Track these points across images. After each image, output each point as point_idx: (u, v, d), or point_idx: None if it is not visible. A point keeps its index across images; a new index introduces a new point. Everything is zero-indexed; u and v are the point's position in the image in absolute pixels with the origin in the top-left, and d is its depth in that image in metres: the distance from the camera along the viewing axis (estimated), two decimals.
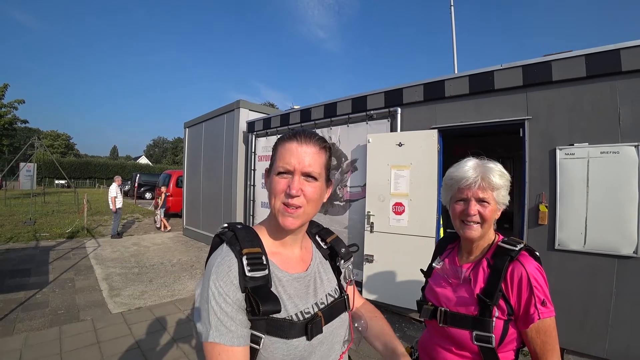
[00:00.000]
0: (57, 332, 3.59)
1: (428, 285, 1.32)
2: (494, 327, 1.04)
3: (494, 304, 1.05)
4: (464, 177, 1.13)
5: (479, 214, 1.12)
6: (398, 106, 4.58)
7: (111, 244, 8.30)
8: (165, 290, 5.08)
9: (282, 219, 0.81)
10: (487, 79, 3.79)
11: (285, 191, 0.80)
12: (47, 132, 56.03)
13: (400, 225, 4.21)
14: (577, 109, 3.26)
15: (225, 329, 0.73)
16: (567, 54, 3.32)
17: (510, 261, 1.07)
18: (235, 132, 7.56)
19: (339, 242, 1.02)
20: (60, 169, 14.78)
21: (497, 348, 1.06)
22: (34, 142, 14.66)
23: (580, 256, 3.18)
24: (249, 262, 0.77)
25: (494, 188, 1.12)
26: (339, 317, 0.92)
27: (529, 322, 1.02)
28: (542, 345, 1.03)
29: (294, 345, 0.78)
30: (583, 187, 3.16)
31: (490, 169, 1.13)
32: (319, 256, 0.99)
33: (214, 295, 0.74)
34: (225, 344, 0.72)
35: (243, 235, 0.83)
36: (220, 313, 0.73)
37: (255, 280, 0.76)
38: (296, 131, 0.86)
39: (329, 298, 0.92)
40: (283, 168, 0.81)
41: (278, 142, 0.86)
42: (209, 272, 0.78)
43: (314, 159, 0.82)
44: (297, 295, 0.85)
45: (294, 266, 0.89)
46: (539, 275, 1.05)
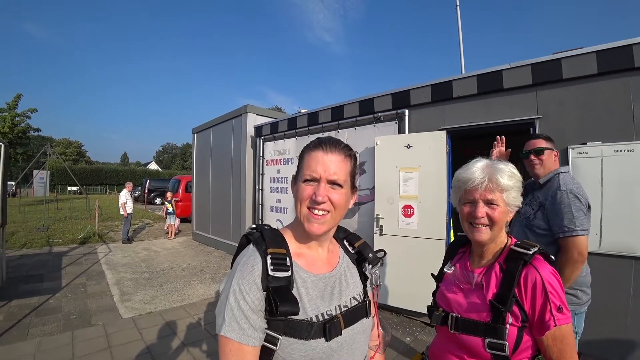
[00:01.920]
0: (70, 337, 3.62)
1: (439, 290, 1.28)
2: (508, 334, 1.01)
3: (507, 310, 1.01)
4: (471, 178, 1.11)
5: (488, 217, 1.09)
6: (405, 108, 4.55)
7: (122, 249, 8.39)
8: (175, 295, 5.10)
9: (308, 225, 0.83)
10: (496, 79, 3.74)
11: (311, 197, 0.82)
12: (59, 140, 57.07)
13: (409, 228, 4.17)
14: (589, 107, 3.20)
15: (238, 325, 0.74)
16: (577, 51, 3.26)
17: (524, 265, 1.03)
18: (243, 137, 7.60)
19: (366, 247, 1.02)
20: (72, 175, 15.01)
21: (510, 356, 1.01)
22: (47, 150, 14.94)
23: (596, 257, 3.10)
24: (273, 261, 0.79)
25: (503, 189, 1.08)
26: (359, 322, 0.91)
27: (545, 329, 0.98)
28: (559, 353, 0.99)
29: (312, 347, 0.79)
30: (597, 187, 3.09)
31: (499, 170, 1.09)
32: (347, 260, 0.99)
33: (234, 292, 0.76)
34: (235, 340, 0.74)
35: (269, 236, 0.85)
36: (237, 310, 0.75)
37: (278, 280, 0.77)
38: (322, 140, 0.88)
39: (354, 302, 0.92)
40: (309, 176, 0.83)
41: (304, 151, 0.88)
42: (234, 269, 0.82)
43: (339, 167, 0.84)
44: (320, 296, 0.85)
45: (319, 267, 0.90)
46: (554, 280, 1.00)
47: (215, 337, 3.65)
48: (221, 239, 8.45)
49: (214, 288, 5.45)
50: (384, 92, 4.85)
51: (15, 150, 19.06)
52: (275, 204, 6.90)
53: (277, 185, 6.82)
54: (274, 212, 6.90)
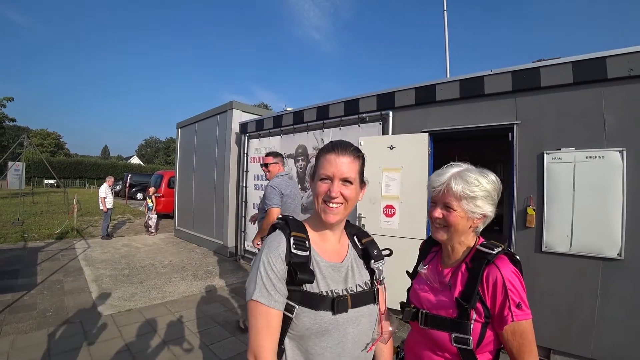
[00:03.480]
0: (46, 334, 3.55)
1: (412, 287, 1.35)
2: (472, 329, 1.07)
3: (471, 307, 1.07)
4: (434, 181, 1.20)
5: (444, 218, 1.17)
6: (390, 109, 4.62)
7: (101, 245, 8.22)
8: (156, 292, 5.05)
9: (325, 216, 1.00)
10: (478, 84, 3.84)
11: (327, 193, 0.99)
12: (36, 131, 55.17)
13: (391, 228, 4.24)
14: (564, 114, 3.33)
15: (267, 292, 0.91)
16: (554, 60, 3.39)
17: (487, 264, 1.10)
18: (228, 133, 7.55)
19: (372, 244, 1.15)
20: (50, 168, 14.59)
21: (475, 350, 1.08)
22: (23, 141, 14.46)
23: (567, 258, 3.24)
24: (295, 241, 0.97)
25: (460, 197, 1.13)
26: (366, 307, 1.04)
27: (504, 323, 1.05)
28: (518, 347, 1.06)
29: (321, 316, 0.94)
30: (569, 191, 3.23)
31: (460, 178, 1.15)
32: (354, 253, 1.12)
33: (263, 264, 0.93)
34: (264, 304, 0.90)
35: (293, 223, 1.03)
36: (266, 279, 0.92)
37: (299, 257, 0.95)
38: (335, 143, 1.04)
39: (359, 288, 1.04)
40: (324, 175, 1.00)
41: (320, 153, 1.05)
42: (263, 247, 0.98)
43: (350, 167, 1.00)
44: (331, 278, 1.00)
45: (331, 256, 1.05)
46: (514, 278, 1.07)
47: (196, 333, 3.68)
48: (203, 236, 8.38)
49: (195, 285, 5.41)
50: (369, 93, 4.91)
51: None
52: (259, 201, 6.87)
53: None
54: (257, 209, 6.87)
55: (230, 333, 3.77)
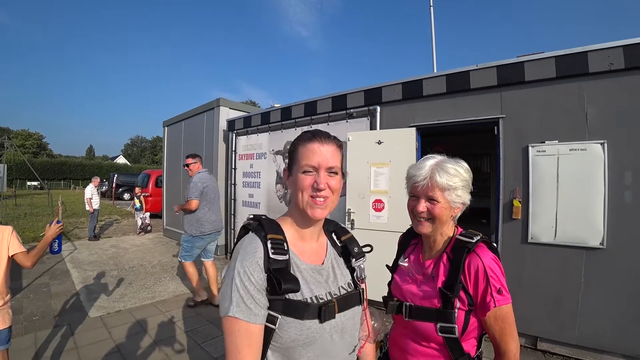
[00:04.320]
0: (33, 338, 3.49)
1: (394, 281, 1.36)
2: (457, 318, 1.11)
3: (455, 296, 1.11)
4: (415, 174, 1.20)
5: (428, 211, 1.18)
6: (377, 105, 4.64)
7: (88, 246, 8.08)
8: (145, 292, 5.00)
9: (312, 211, 0.91)
10: (463, 79, 3.89)
11: (313, 186, 0.90)
12: (17, 132, 53.81)
13: (380, 222, 4.28)
14: (548, 108, 3.39)
15: (245, 306, 0.81)
16: (538, 55, 3.44)
17: (468, 253, 1.13)
18: (215, 131, 7.48)
19: (352, 241, 1.08)
20: (33, 169, 14.27)
21: (460, 337, 1.12)
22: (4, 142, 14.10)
23: (551, 248, 3.32)
24: (273, 245, 0.86)
25: (444, 188, 1.16)
26: (352, 309, 0.98)
27: (487, 309, 1.08)
28: (500, 331, 1.10)
29: (307, 326, 0.86)
30: (553, 183, 3.30)
31: (442, 169, 1.16)
32: (333, 252, 1.05)
33: (239, 274, 0.83)
34: (243, 320, 0.80)
35: (267, 224, 0.92)
36: (243, 290, 0.81)
37: (278, 263, 0.84)
38: (314, 132, 0.96)
39: (342, 290, 0.98)
40: (309, 166, 0.91)
41: (298, 143, 0.96)
42: (236, 254, 0.88)
43: (334, 156, 0.93)
44: (313, 282, 0.92)
45: (310, 258, 0.97)
46: (495, 265, 1.11)
47: (187, 333, 3.65)
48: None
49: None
50: (356, 89, 4.92)
51: None
52: (247, 198, 6.85)
53: (250, 180, 6.78)
54: (247, 207, 6.86)
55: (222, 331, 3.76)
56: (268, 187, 6.34)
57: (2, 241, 2.09)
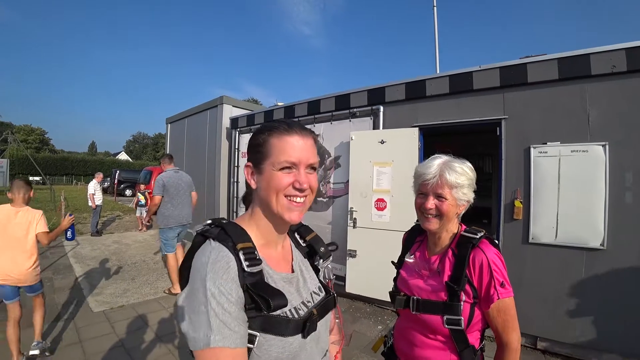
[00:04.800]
0: None
1: (400, 276, 1.41)
2: (462, 310, 1.15)
3: (461, 289, 1.16)
4: (425, 173, 1.24)
5: (437, 208, 1.23)
6: (380, 104, 4.66)
7: (91, 242, 8.13)
8: (148, 287, 5.04)
9: (289, 214, 0.80)
10: (466, 79, 3.91)
11: (293, 185, 0.79)
12: (20, 127, 53.91)
13: (382, 221, 4.31)
14: (550, 109, 3.41)
15: (229, 330, 0.67)
16: (541, 57, 3.46)
17: (472, 248, 1.18)
18: (218, 128, 7.52)
19: (318, 241, 0.99)
20: (35, 164, 14.32)
21: (465, 329, 1.16)
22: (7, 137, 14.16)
23: (552, 249, 3.35)
24: (246, 257, 0.74)
25: (452, 186, 1.21)
26: (327, 315, 0.92)
27: (490, 302, 1.14)
28: (503, 323, 1.15)
29: (289, 342, 0.76)
30: (555, 184, 3.32)
31: (450, 168, 1.22)
32: (299, 254, 0.96)
33: (214, 296, 0.68)
34: (230, 347, 0.67)
35: (233, 230, 0.78)
36: (223, 314, 0.67)
37: (253, 276, 0.73)
38: (290, 123, 0.83)
39: (314, 296, 0.90)
40: (288, 162, 0.79)
41: (271, 135, 0.81)
42: (201, 271, 0.72)
43: (313, 151, 0.83)
44: (287, 292, 0.80)
45: (279, 265, 0.87)
46: (497, 260, 1.16)
47: None
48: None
49: None
50: (360, 88, 4.94)
51: None
52: None
53: None
54: None
55: None
56: None
57: (33, 220, 3.07)
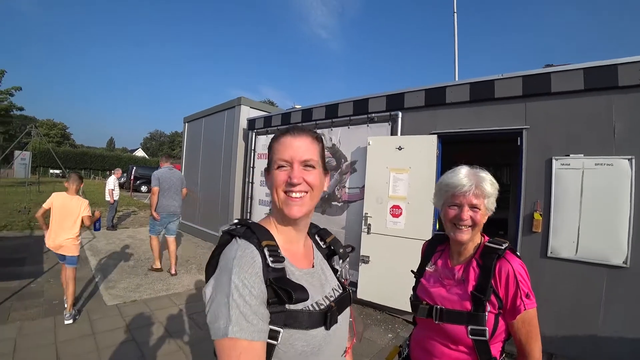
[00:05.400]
0: (52, 322, 3.60)
1: (421, 285, 1.39)
2: (487, 320, 1.14)
3: (486, 299, 1.14)
4: (460, 184, 1.22)
5: (471, 219, 1.21)
6: (399, 110, 4.63)
7: (106, 235, 8.28)
8: (160, 284, 5.10)
9: (288, 209, 0.84)
10: (488, 88, 3.85)
11: (287, 181, 0.83)
12: (43, 121, 55.43)
13: (397, 228, 4.27)
14: (574, 120, 3.33)
15: (247, 323, 0.70)
16: (566, 66, 3.39)
17: (498, 259, 1.18)
18: (235, 129, 7.59)
19: (337, 243, 1.05)
20: (56, 158, 14.70)
21: (489, 340, 1.15)
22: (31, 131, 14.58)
23: (572, 264, 3.25)
24: (271, 253, 0.78)
25: (486, 196, 1.21)
26: (345, 311, 0.95)
27: (517, 313, 1.13)
28: (526, 334, 1.14)
29: (313, 335, 0.80)
30: (577, 197, 3.24)
31: (482, 178, 1.22)
32: (319, 255, 1.01)
33: (237, 288, 0.72)
34: (246, 339, 0.69)
35: (258, 229, 0.84)
36: (244, 306, 0.71)
37: (277, 272, 0.77)
38: (288, 127, 0.91)
39: (335, 292, 0.94)
40: (281, 161, 0.85)
41: (273, 140, 0.90)
42: (228, 266, 0.76)
43: (309, 148, 0.87)
44: (310, 287, 0.83)
45: (301, 262, 0.91)
46: (522, 271, 1.16)
47: (200, 326, 3.71)
48: (208, 230, 8.42)
49: (199, 278, 5.46)
50: (378, 94, 4.92)
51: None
52: (264, 197, 6.92)
53: None
54: (263, 205, 6.93)
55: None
56: None
57: (81, 206, 3.96)
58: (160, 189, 5.50)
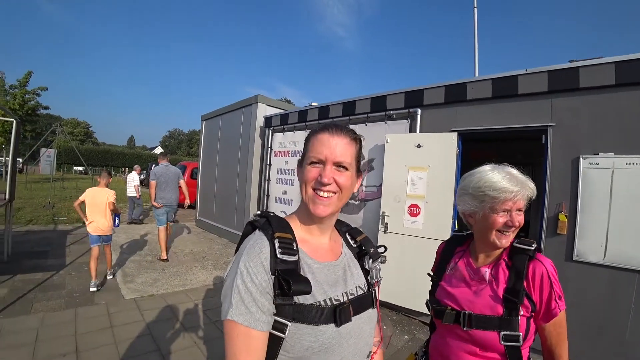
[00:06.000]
0: (73, 314, 3.68)
1: (440, 288, 1.30)
2: (519, 325, 1.08)
3: (520, 302, 1.08)
4: (513, 190, 1.09)
5: None
6: (418, 107, 4.54)
7: (125, 231, 8.44)
8: (177, 279, 5.15)
9: (314, 207, 0.84)
10: (511, 83, 3.72)
11: (317, 179, 0.83)
12: (67, 120, 57.33)
13: (415, 227, 4.18)
14: (603, 117, 3.18)
15: (245, 308, 0.72)
16: (596, 60, 3.24)
17: (530, 260, 1.12)
18: (252, 127, 7.62)
19: (368, 242, 1.02)
20: (80, 156, 15.11)
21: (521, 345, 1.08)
22: (56, 129, 15.04)
23: (599, 269, 3.10)
24: (281, 245, 0.78)
25: (530, 198, 1.15)
26: (366, 312, 0.91)
27: (551, 316, 1.08)
28: (557, 336, 1.11)
29: (322, 331, 0.78)
30: (606, 198, 3.08)
31: (525, 180, 1.14)
32: (349, 252, 0.99)
33: (241, 274, 0.75)
34: (243, 324, 0.71)
35: (276, 222, 0.84)
36: (245, 292, 0.73)
37: (286, 264, 0.77)
38: (327, 124, 0.89)
39: (359, 290, 0.91)
40: (315, 158, 0.84)
41: (310, 134, 0.90)
42: (240, 253, 0.80)
43: (345, 149, 0.85)
44: (327, 282, 0.85)
45: (324, 255, 0.90)
46: (554, 271, 1.11)
47: (215, 323, 3.72)
48: (224, 227, 8.50)
49: (215, 274, 5.50)
50: (397, 90, 4.84)
51: (25, 127, 19.12)
52: (280, 195, 6.92)
53: (284, 177, 6.84)
54: (279, 203, 6.93)
55: None
56: None
57: (109, 195, 4.68)
58: (157, 183, 6.09)
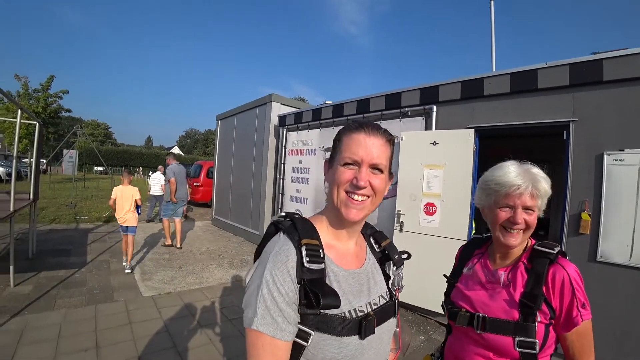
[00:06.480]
0: (93, 310, 3.78)
1: (456, 289, 1.27)
2: (536, 331, 1.02)
3: (538, 308, 1.02)
4: (514, 184, 1.07)
5: (524, 222, 1.08)
6: (433, 104, 4.46)
7: (144, 229, 8.60)
8: (193, 277, 5.22)
9: (346, 210, 0.80)
10: (530, 78, 3.61)
11: (351, 182, 0.79)
12: (88, 121, 58.94)
13: (431, 226, 4.11)
14: (629, 112, 3.04)
15: (271, 318, 0.70)
16: (621, 52, 3.10)
17: (550, 264, 1.05)
18: (266, 126, 7.65)
19: (392, 248, 0.98)
20: (100, 156, 15.49)
21: (538, 353, 1.03)
22: (77, 131, 15.46)
23: (625, 270, 2.98)
24: (308, 253, 0.75)
25: (542, 196, 1.08)
26: (387, 322, 0.89)
27: (572, 325, 1.01)
28: (580, 348, 1.03)
29: (346, 343, 0.76)
30: (632, 196, 2.96)
31: (537, 176, 1.08)
32: (372, 258, 0.96)
33: (267, 283, 0.72)
34: (268, 334, 0.70)
35: (302, 226, 0.80)
36: (270, 302, 0.71)
37: (312, 273, 0.73)
38: (362, 122, 0.84)
39: (382, 300, 0.89)
40: (350, 159, 0.80)
41: (343, 133, 0.85)
42: (265, 259, 0.77)
43: (381, 151, 0.81)
44: (351, 292, 0.82)
45: (349, 262, 0.87)
46: (578, 278, 1.03)
47: (231, 321, 3.75)
48: (240, 226, 8.58)
49: (231, 273, 5.55)
50: (411, 87, 4.76)
51: (47, 129, 19.73)
52: (295, 194, 6.93)
53: (298, 176, 6.85)
54: (294, 202, 6.94)
55: None
56: (317, 184, 6.36)
57: (134, 192, 5.39)
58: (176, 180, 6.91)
